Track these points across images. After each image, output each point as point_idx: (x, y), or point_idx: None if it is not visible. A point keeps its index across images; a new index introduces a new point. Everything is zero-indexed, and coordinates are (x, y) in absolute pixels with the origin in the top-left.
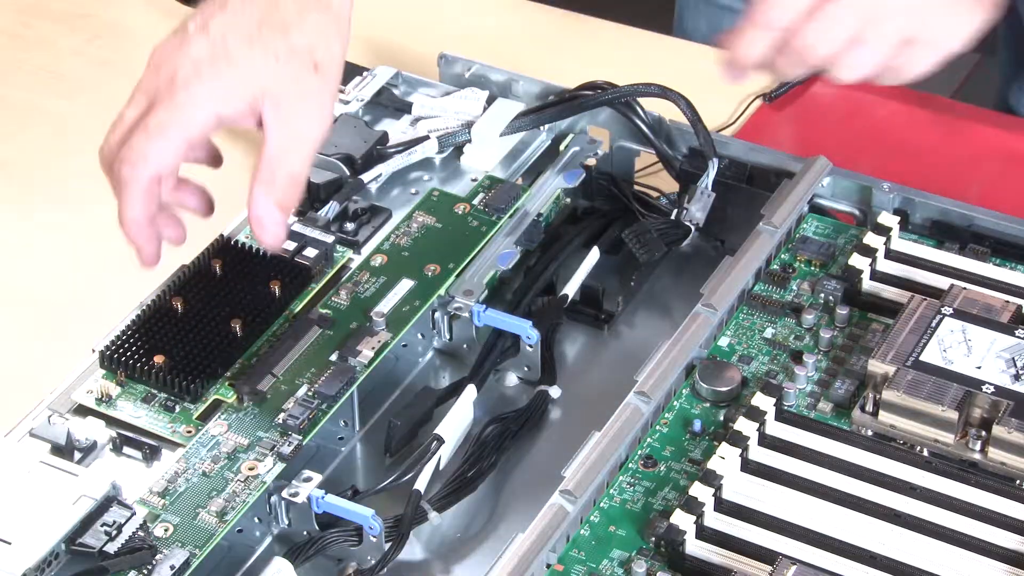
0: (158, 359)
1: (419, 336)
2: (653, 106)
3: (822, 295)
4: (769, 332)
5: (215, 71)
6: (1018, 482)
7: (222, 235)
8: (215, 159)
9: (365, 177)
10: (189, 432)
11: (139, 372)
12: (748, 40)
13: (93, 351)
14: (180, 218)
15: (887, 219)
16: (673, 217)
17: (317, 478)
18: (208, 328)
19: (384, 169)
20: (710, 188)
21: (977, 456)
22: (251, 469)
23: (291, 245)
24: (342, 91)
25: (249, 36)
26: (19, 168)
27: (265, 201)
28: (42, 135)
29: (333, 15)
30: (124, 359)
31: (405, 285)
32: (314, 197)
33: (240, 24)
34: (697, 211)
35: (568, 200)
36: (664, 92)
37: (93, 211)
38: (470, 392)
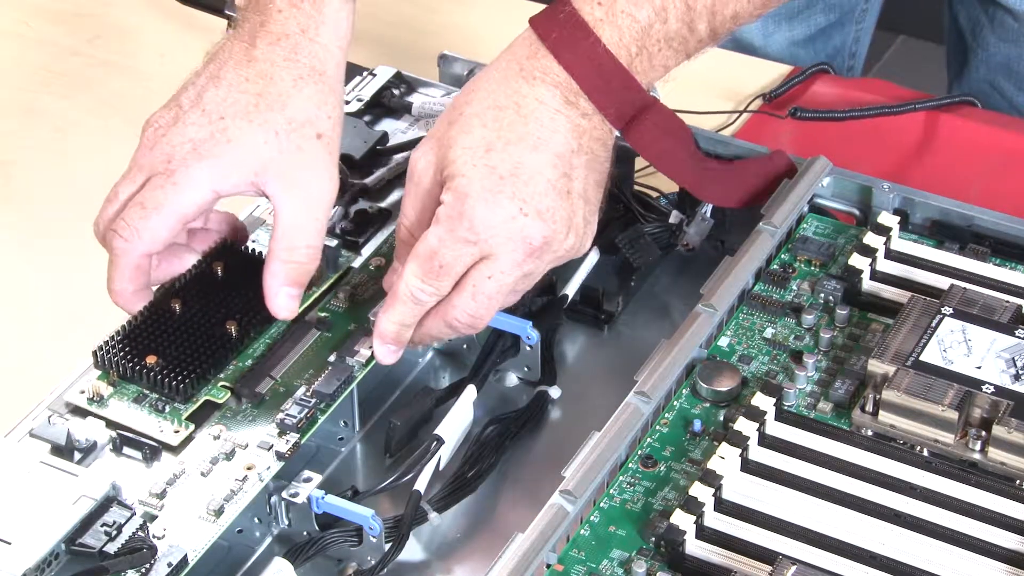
0: (150, 359)
1: None
2: None
3: (822, 295)
4: (769, 332)
5: (214, 150)
6: (1018, 482)
7: (224, 238)
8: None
9: (371, 179)
10: (177, 432)
11: (131, 372)
12: (399, 318)
13: (94, 353)
14: (189, 251)
15: (887, 219)
16: (672, 220)
17: (317, 478)
18: (202, 329)
19: (389, 172)
20: (708, 215)
21: (977, 456)
22: (248, 468)
23: None
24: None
25: (247, 113)
26: (19, 168)
27: (284, 281)
28: (42, 135)
29: (328, 84)
30: (117, 359)
31: None
32: None
33: (237, 101)
34: (695, 235)
35: None
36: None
37: (93, 211)
38: (470, 392)
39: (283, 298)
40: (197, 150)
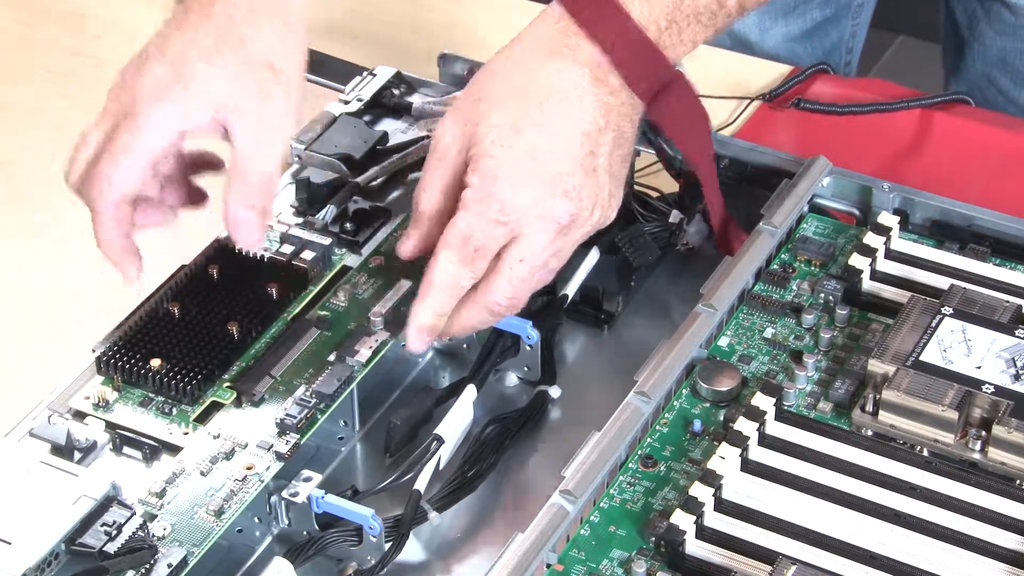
0: (154, 362)
1: None
2: None
3: (822, 295)
4: (769, 332)
5: (175, 91)
6: (1018, 482)
7: (218, 240)
8: (198, 198)
9: (363, 178)
10: (186, 434)
11: (136, 376)
12: (435, 305)
13: (93, 351)
14: (164, 208)
15: (887, 219)
16: (672, 220)
17: (317, 478)
18: (204, 331)
19: (382, 170)
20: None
21: (977, 456)
22: (248, 468)
23: (289, 248)
24: (342, 91)
25: (207, 53)
26: (19, 168)
27: (238, 205)
28: (42, 135)
29: (289, 24)
30: (120, 364)
31: (403, 286)
32: (314, 198)
33: (198, 42)
34: (695, 234)
35: None
36: None
37: None
38: (470, 392)
39: (244, 225)
40: (158, 92)
